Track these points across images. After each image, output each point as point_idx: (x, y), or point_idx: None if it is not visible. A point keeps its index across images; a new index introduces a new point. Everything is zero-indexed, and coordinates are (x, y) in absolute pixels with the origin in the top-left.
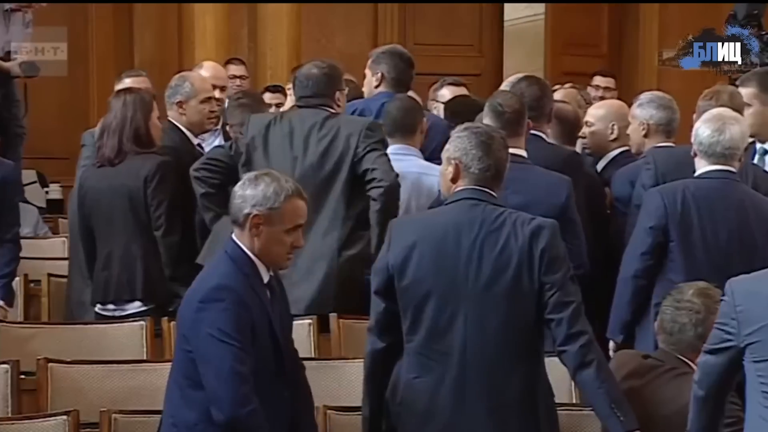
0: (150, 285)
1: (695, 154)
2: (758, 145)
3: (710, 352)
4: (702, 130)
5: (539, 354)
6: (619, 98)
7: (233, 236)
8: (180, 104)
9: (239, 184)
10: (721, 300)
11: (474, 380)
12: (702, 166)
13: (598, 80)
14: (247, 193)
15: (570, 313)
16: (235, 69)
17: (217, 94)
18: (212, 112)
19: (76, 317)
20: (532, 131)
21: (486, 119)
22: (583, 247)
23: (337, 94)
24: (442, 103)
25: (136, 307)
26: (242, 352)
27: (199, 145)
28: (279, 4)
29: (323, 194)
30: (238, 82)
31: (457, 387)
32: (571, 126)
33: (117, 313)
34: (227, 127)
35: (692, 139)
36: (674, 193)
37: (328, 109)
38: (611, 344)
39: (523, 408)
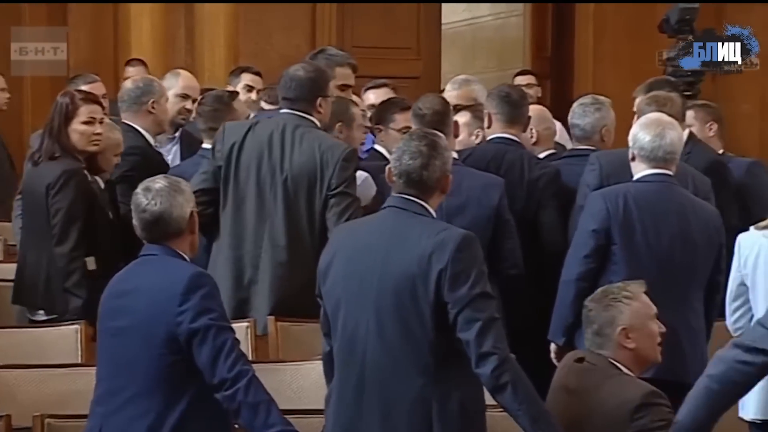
0: (50, 295)
1: (633, 158)
2: None
3: (749, 350)
4: (642, 135)
5: (445, 369)
6: (553, 102)
7: (163, 247)
8: (151, 104)
9: (162, 202)
10: None
11: (370, 389)
12: (641, 170)
13: (518, 80)
14: (179, 200)
15: (477, 332)
16: None
17: (188, 105)
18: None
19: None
20: (507, 135)
21: (411, 124)
22: (517, 247)
23: (320, 100)
24: (367, 108)
25: (41, 315)
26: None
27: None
28: (216, 4)
29: (287, 208)
30: None
31: (357, 394)
32: None
33: (36, 318)
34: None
35: (630, 143)
36: (616, 196)
37: (307, 116)
38: (552, 346)
39: (413, 420)
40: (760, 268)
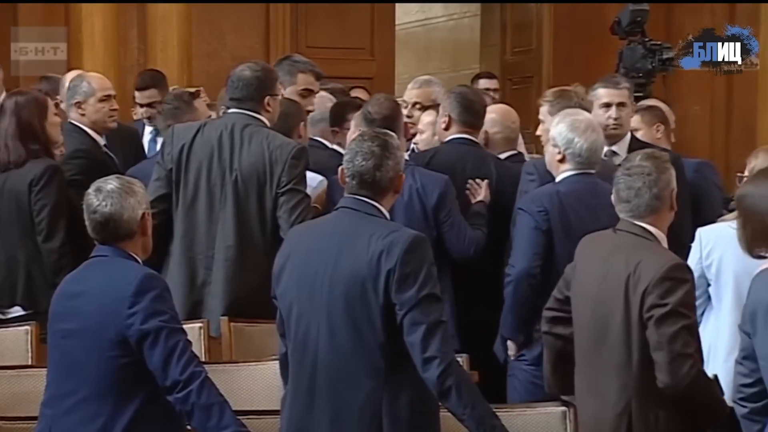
0: (31, 291)
1: (563, 160)
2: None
3: None
4: (578, 140)
5: (395, 370)
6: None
7: (115, 249)
8: (79, 104)
9: (113, 203)
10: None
11: (321, 391)
12: (567, 171)
13: (482, 83)
14: (130, 202)
15: (422, 336)
16: None
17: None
18: (112, 110)
19: None
20: (467, 136)
21: (360, 126)
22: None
23: (268, 98)
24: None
25: (16, 311)
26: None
27: (105, 146)
28: (169, 4)
29: (238, 208)
30: None
31: (309, 396)
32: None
33: (8, 316)
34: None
35: (560, 145)
36: (550, 196)
37: (256, 115)
38: (510, 344)
39: (364, 422)
40: (728, 255)
